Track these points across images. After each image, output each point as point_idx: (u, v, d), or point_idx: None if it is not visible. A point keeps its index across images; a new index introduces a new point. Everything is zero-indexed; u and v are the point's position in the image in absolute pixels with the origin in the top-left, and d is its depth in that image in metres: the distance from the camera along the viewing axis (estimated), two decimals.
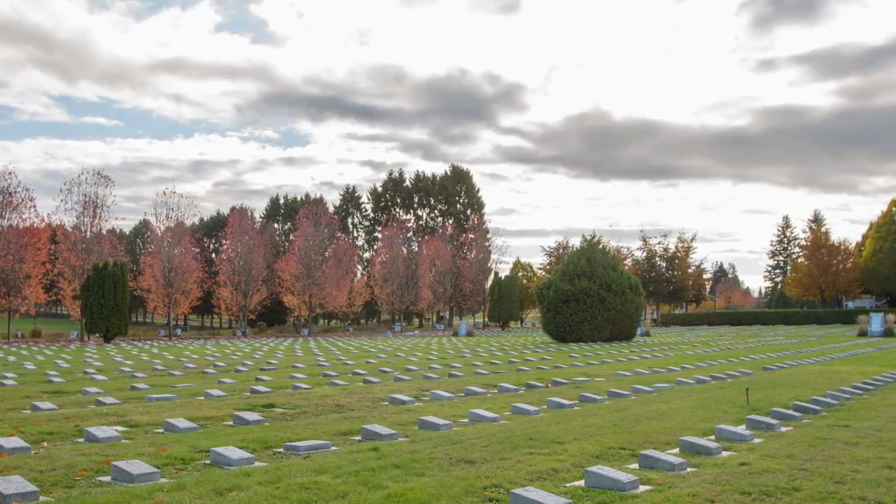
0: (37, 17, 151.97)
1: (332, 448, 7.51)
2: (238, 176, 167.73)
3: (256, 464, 6.65)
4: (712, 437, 7.94)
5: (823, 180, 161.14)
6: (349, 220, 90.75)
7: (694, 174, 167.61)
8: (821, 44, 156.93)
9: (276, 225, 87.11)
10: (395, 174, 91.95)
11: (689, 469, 6.39)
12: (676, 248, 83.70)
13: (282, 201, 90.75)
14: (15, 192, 45.69)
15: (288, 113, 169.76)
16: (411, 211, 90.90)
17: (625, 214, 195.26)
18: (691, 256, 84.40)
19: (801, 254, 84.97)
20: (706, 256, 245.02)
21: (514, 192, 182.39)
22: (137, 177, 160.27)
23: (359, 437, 8.23)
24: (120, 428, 8.73)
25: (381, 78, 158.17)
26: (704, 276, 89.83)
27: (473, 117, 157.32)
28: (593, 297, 36.45)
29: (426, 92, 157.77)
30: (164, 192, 54.49)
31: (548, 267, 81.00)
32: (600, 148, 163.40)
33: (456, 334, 49.67)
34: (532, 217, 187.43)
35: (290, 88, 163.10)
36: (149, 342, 42.46)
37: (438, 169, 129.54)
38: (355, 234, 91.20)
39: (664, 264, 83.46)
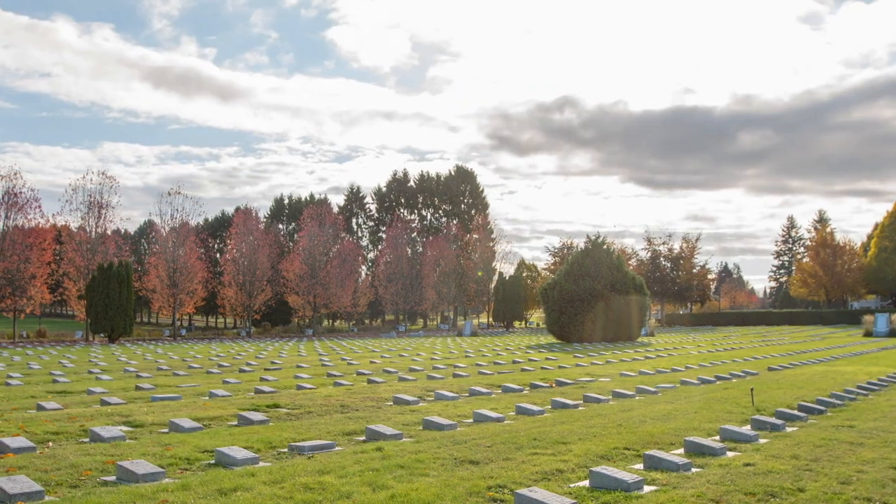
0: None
1: (337, 448, 7.51)
2: (354, 180, 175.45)
3: (261, 464, 6.66)
4: (717, 438, 7.92)
5: None
6: (353, 221, 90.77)
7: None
8: None
9: (280, 225, 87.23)
10: (400, 174, 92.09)
11: (693, 469, 6.37)
12: (681, 248, 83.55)
13: (286, 202, 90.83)
14: (20, 192, 45.89)
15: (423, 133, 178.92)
16: (415, 211, 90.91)
17: (722, 218, 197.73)
18: (696, 256, 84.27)
19: (805, 254, 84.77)
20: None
21: (614, 198, 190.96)
22: (257, 184, 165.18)
23: (363, 438, 8.23)
24: (125, 428, 8.74)
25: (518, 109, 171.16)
26: (709, 277, 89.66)
27: (565, 138, 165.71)
28: (597, 297, 36.41)
29: (531, 118, 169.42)
30: (169, 193, 54.59)
31: (552, 267, 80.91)
32: (674, 155, 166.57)
33: (460, 334, 49.72)
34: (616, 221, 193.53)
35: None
36: (153, 342, 42.55)
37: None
38: (360, 234, 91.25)
39: (669, 264, 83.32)
